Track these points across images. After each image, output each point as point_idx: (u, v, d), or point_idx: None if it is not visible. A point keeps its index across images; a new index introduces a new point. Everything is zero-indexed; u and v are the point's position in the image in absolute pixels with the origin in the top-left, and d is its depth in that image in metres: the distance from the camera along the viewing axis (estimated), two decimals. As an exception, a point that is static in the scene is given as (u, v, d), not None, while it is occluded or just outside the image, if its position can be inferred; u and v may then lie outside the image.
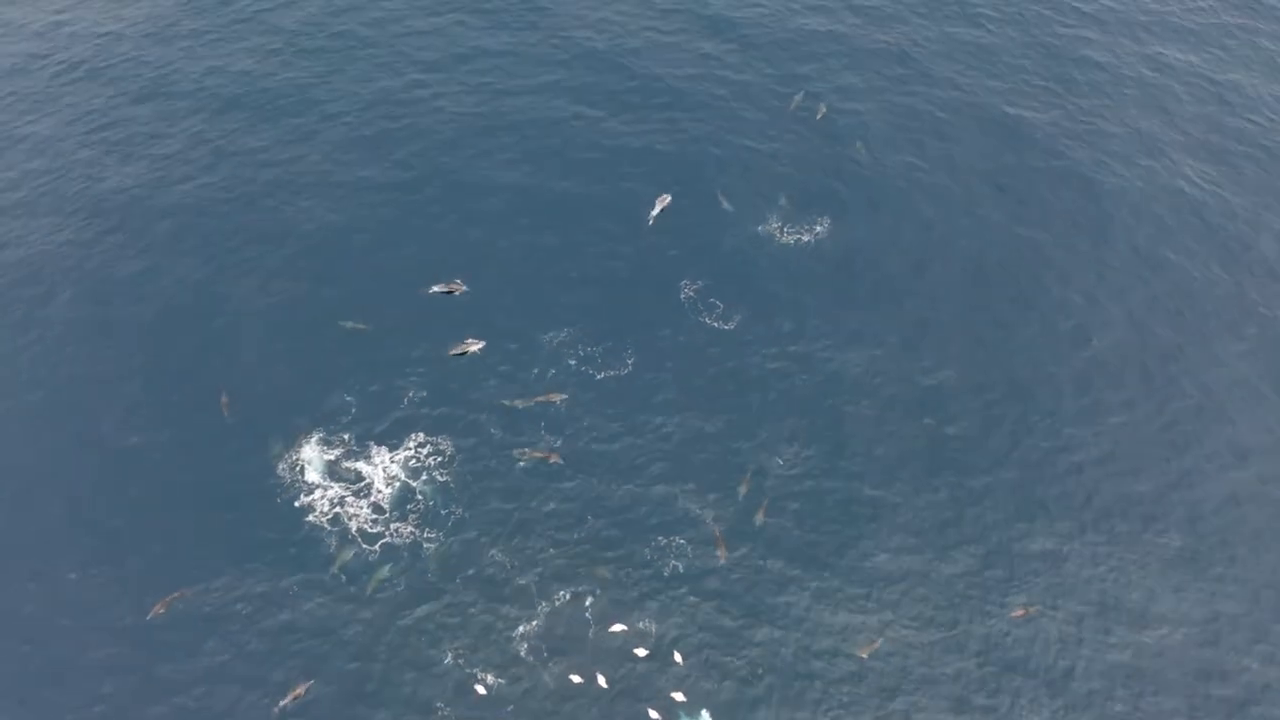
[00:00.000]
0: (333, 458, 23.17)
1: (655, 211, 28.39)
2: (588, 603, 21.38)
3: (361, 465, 23.07)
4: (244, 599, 21.26)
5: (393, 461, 23.18)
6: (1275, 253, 29.13)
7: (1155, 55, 34.97)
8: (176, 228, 28.01)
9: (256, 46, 33.68)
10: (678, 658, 20.68)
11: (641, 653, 20.69)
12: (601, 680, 20.30)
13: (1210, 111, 33.21)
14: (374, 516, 22.36)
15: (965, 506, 23.34)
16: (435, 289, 25.62)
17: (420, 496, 22.70)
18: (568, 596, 21.45)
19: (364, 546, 21.90)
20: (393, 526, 22.23)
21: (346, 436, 23.56)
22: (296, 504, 22.43)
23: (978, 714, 20.47)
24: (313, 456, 23.09)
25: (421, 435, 23.71)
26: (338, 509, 22.41)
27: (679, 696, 20.19)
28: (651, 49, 33.72)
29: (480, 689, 20.06)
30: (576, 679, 20.34)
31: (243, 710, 19.96)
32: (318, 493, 22.56)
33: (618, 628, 20.99)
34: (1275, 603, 22.40)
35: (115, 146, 30.38)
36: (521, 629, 20.98)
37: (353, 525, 22.19)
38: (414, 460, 23.27)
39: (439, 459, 23.32)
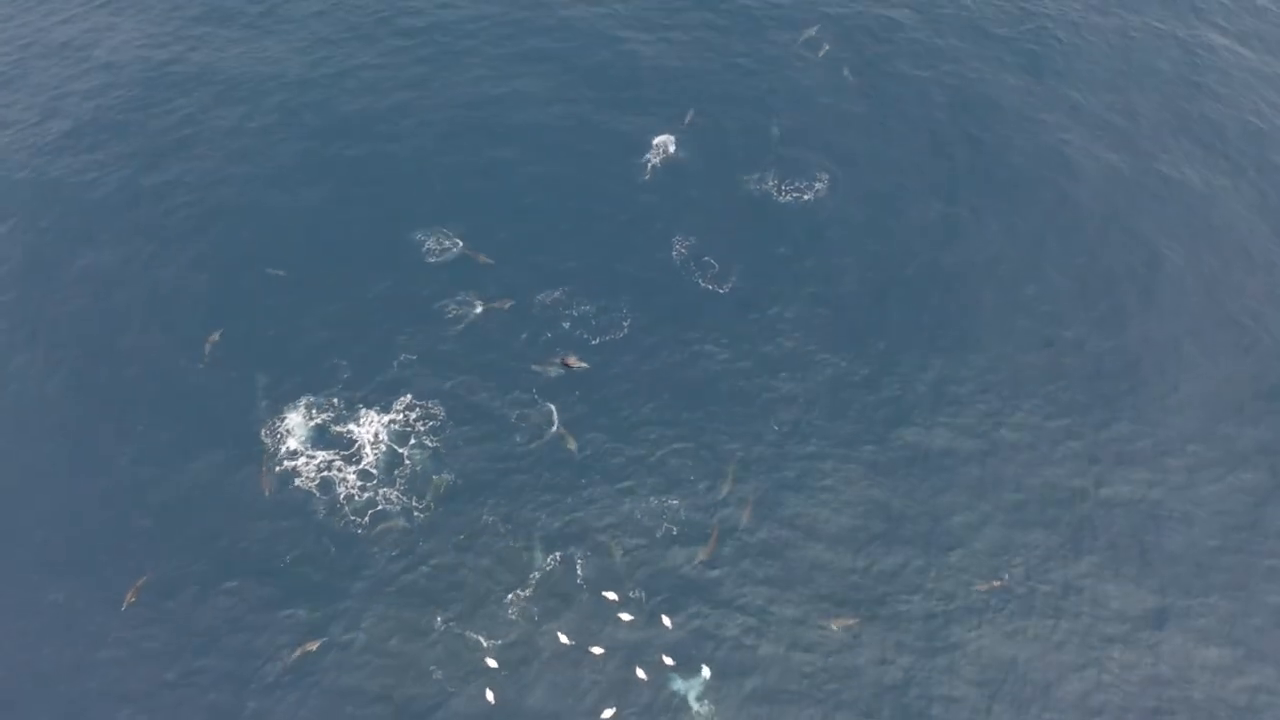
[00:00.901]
0: (320, 422, 22.89)
1: (659, 151, 28.14)
2: (579, 569, 21.12)
3: (349, 429, 22.77)
4: (227, 572, 21.02)
5: (382, 425, 22.87)
6: (1245, 234, 27.74)
7: (1147, 25, 33.56)
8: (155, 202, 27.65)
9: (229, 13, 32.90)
10: (666, 622, 20.45)
11: (627, 618, 20.47)
12: (592, 645, 20.12)
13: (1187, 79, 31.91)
14: (361, 483, 22.10)
15: (954, 493, 22.60)
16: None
17: (409, 461, 22.41)
18: (559, 562, 21.19)
19: (352, 517, 21.66)
20: (381, 492, 21.98)
21: (335, 400, 23.25)
22: (279, 469, 22.18)
23: (961, 694, 20.21)
24: (298, 421, 22.81)
25: (410, 397, 23.39)
26: (325, 474, 22.16)
27: (668, 660, 19.99)
28: None
29: (491, 661, 19.84)
30: (566, 641, 20.16)
31: (228, 688, 19.82)
32: (302, 459, 22.30)
33: (610, 595, 20.75)
34: (1236, 606, 21.51)
35: (64, 119, 29.58)
36: (513, 594, 20.76)
37: (340, 491, 21.94)
38: (404, 424, 22.96)
39: (429, 422, 23.00)
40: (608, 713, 19.43)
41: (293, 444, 22.50)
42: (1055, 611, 21.05)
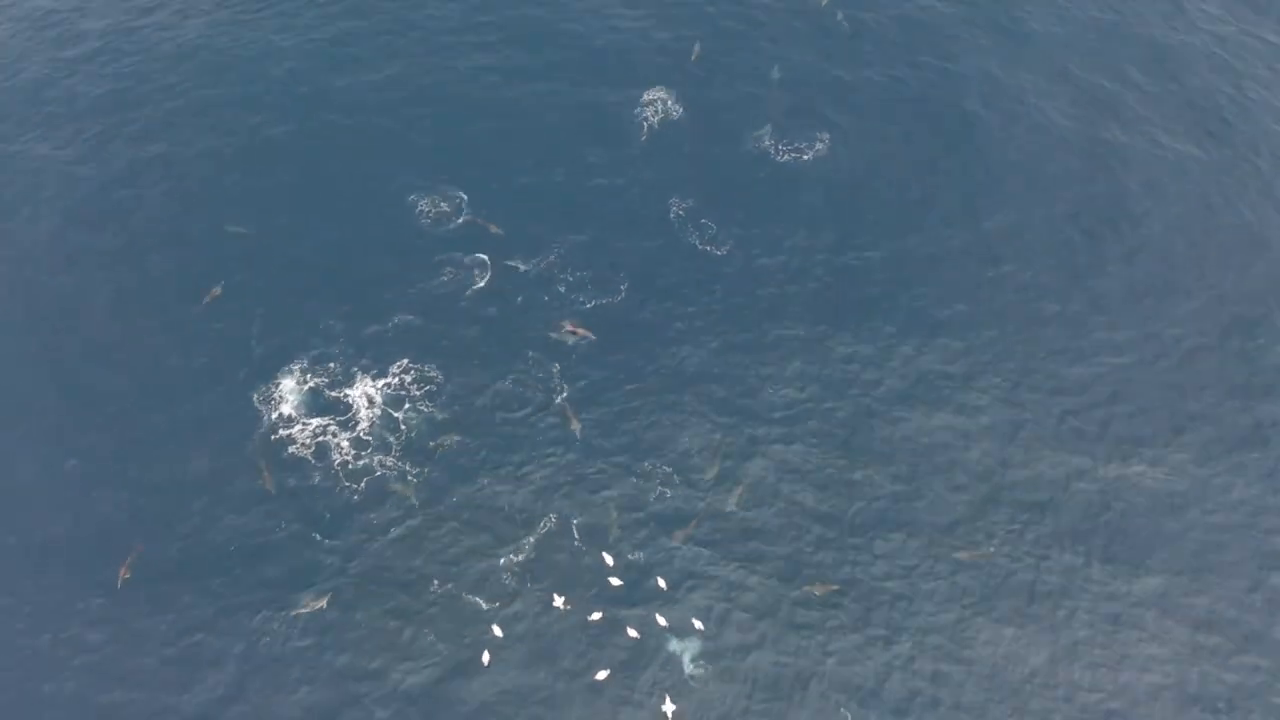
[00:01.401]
0: (314, 386, 22.81)
1: (657, 109, 27.79)
2: (575, 533, 21.18)
3: (345, 394, 22.71)
4: (222, 545, 20.97)
5: (378, 389, 22.82)
6: (1246, 209, 27.19)
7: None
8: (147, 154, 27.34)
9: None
10: (662, 584, 20.58)
11: (622, 582, 20.58)
12: (587, 608, 20.24)
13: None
14: (356, 449, 22.08)
15: (952, 470, 22.44)
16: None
17: (405, 426, 22.40)
18: (555, 526, 21.23)
19: (346, 484, 21.64)
20: (377, 458, 21.98)
21: (331, 365, 23.15)
22: (274, 438, 22.15)
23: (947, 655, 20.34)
24: (292, 387, 22.74)
25: (406, 361, 23.31)
26: (320, 439, 22.14)
27: (662, 621, 20.14)
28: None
29: (497, 630, 19.91)
30: (561, 604, 20.30)
31: (225, 662, 19.88)
32: (297, 426, 22.27)
33: (606, 559, 20.82)
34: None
35: (42, 92, 29.03)
36: (508, 558, 20.83)
37: (335, 458, 21.93)
38: (399, 388, 22.90)
39: (426, 386, 22.94)
40: (601, 675, 19.59)
41: (287, 410, 22.45)
42: (1052, 589, 20.97)
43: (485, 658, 19.69)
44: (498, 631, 19.89)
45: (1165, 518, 21.94)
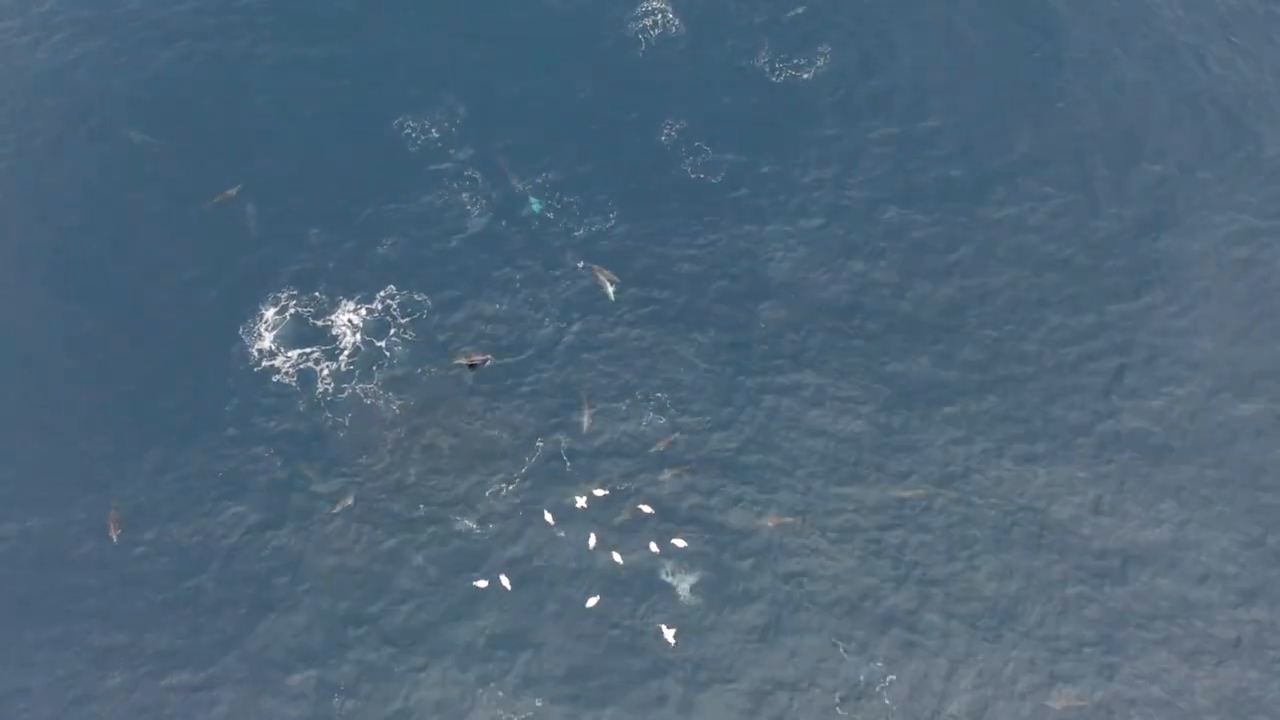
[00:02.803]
0: (296, 313, 22.39)
1: (655, 21, 26.78)
2: (566, 459, 21.04)
3: (329, 320, 22.34)
4: (204, 481, 20.86)
5: (359, 316, 22.43)
6: None
7: None
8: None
9: None
10: (647, 509, 20.56)
11: (581, 502, 20.61)
12: (580, 533, 20.22)
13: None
14: (338, 377, 21.78)
15: (945, 411, 21.98)
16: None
17: (389, 354, 22.06)
18: (546, 451, 21.09)
19: (328, 415, 21.41)
20: (360, 386, 21.70)
21: (316, 294, 22.69)
22: (257, 370, 21.81)
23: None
24: (274, 316, 22.33)
25: (393, 288, 22.86)
26: (305, 365, 21.83)
27: (654, 548, 20.17)
28: None
29: (504, 580, 19.86)
30: (550, 521, 20.38)
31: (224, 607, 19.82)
32: (279, 358, 21.92)
33: (598, 487, 20.73)
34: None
35: None
36: (498, 481, 20.75)
37: (319, 387, 21.66)
38: (383, 315, 22.50)
39: (413, 314, 22.53)
40: (593, 601, 19.53)
41: (269, 341, 22.10)
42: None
43: (481, 584, 19.66)
44: (504, 581, 19.81)
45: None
